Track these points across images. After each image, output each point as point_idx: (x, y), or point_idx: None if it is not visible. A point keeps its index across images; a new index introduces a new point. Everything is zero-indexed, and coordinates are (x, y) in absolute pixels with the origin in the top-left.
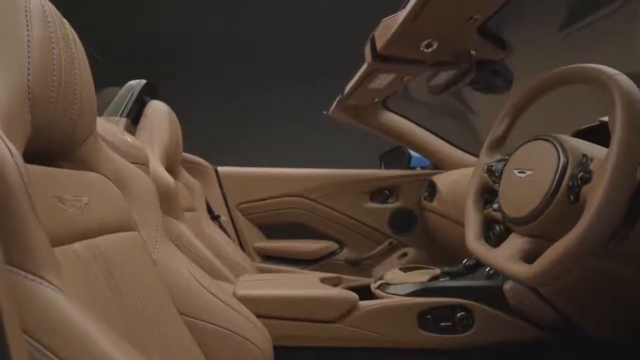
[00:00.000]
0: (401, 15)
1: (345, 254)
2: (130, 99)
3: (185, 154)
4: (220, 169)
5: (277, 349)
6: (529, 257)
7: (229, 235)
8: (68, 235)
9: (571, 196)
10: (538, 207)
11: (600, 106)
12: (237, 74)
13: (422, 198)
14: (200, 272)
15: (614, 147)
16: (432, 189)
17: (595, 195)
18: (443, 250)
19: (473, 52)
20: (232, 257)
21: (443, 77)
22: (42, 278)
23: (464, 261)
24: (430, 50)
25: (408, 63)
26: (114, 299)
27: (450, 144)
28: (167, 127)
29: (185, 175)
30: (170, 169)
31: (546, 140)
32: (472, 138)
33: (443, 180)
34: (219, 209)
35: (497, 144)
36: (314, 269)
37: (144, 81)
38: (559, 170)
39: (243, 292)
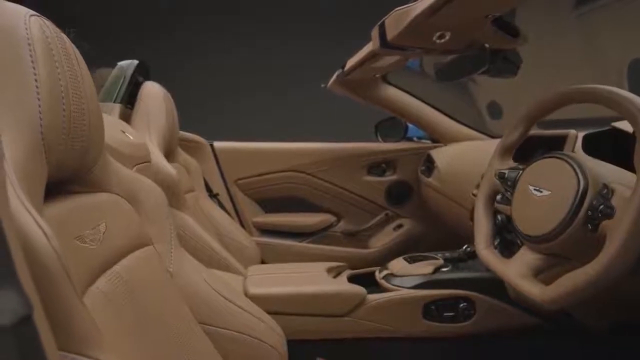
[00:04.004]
0: (416, 8)
1: (342, 226)
2: (123, 82)
3: (180, 132)
4: (216, 144)
5: (289, 342)
6: (540, 273)
7: (227, 212)
8: (91, 274)
9: (589, 225)
10: (555, 230)
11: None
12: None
13: (419, 171)
14: (211, 275)
15: (638, 189)
16: (429, 163)
17: (617, 234)
18: (438, 224)
19: (487, 45)
20: (233, 234)
21: (450, 58)
22: (90, 357)
23: (465, 247)
24: (442, 41)
25: (417, 50)
26: (143, 330)
27: (449, 116)
28: (163, 110)
29: (182, 155)
30: (169, 152)
31: (563, 160)
32: (471, 104)
33: (441, 155)
34: (217, 184)
35: (510, 151)
36: (312, 242)
37: (135, 62)
38: (579, 195)
39: (254, 290)
